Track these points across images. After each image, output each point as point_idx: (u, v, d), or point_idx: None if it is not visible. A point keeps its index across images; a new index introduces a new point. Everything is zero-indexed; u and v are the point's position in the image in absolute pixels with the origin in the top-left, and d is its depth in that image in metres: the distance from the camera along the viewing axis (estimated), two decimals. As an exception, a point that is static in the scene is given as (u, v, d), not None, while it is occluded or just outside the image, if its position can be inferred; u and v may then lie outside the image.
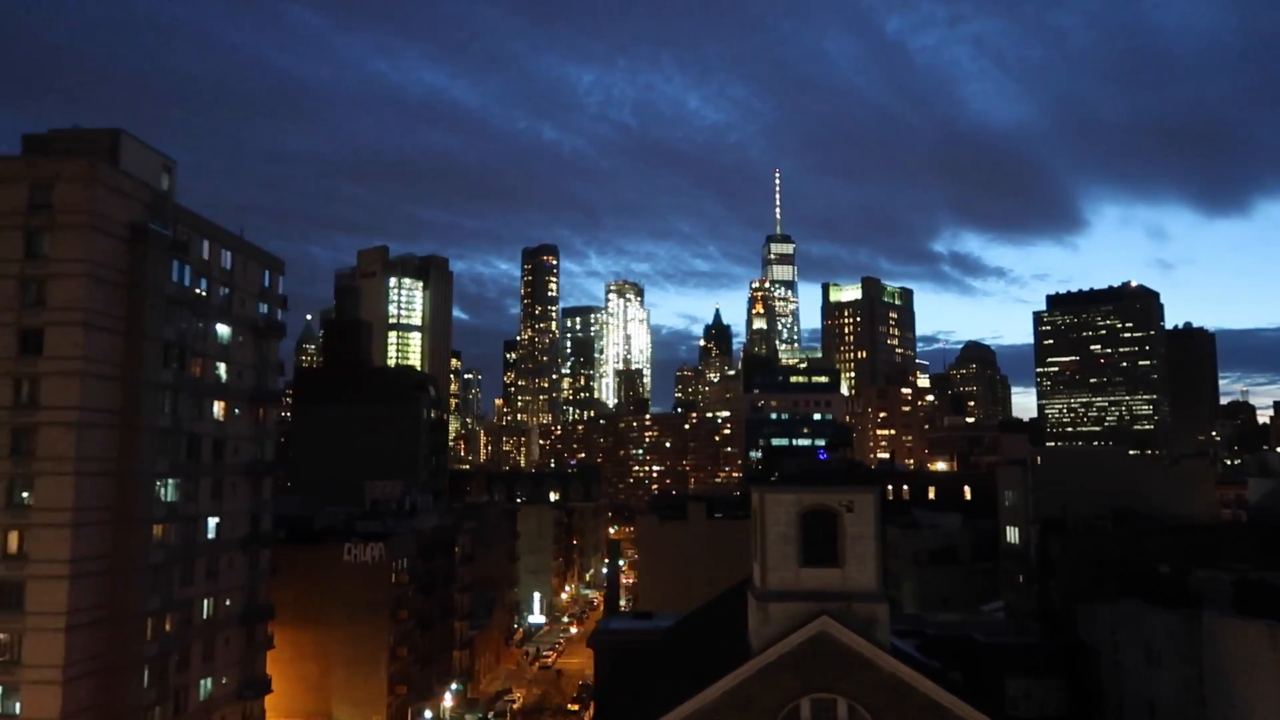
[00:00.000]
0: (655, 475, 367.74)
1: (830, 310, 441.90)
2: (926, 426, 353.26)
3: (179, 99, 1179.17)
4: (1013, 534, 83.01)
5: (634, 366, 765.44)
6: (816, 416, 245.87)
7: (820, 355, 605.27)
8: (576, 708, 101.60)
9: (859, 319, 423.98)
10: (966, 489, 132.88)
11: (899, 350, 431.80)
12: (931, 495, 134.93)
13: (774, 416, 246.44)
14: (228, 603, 69.00)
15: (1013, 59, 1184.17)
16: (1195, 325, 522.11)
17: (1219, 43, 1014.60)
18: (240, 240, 72.62)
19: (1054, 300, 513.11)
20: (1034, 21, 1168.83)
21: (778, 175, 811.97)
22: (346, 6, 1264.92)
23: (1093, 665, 55.90)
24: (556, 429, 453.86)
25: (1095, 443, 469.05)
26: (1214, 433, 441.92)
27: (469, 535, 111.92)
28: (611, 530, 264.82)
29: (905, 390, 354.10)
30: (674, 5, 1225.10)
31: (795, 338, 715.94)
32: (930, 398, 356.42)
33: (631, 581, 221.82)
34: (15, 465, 53.40)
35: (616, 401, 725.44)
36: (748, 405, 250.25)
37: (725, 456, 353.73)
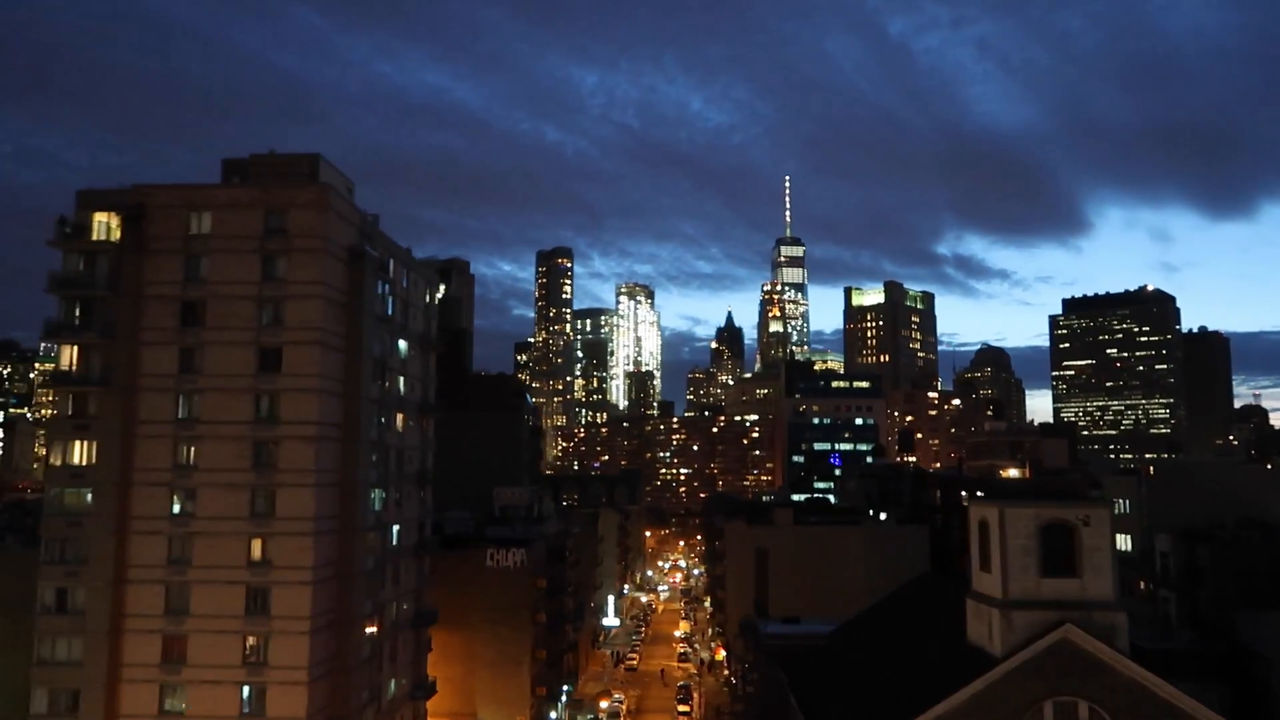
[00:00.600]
0: (683, 478, 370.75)
1: (852, 314, 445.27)
2: (953, 430, 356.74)
3: (182, 99, 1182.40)
4: (1123, 542, 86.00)
5: (645, 368, 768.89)
6: (858, 421, 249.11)
7: (837, 357, 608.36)
8: (688, 709, 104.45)
9: (881, 323, 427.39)
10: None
11: (920, 354, 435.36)
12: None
13: (816, 421, 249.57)
14: (404, 607, 71.82)
15: (1017, 61, 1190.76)
16: (1207, 329, 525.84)
17: (1224, 45, 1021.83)
18: (410, 256, 75.49)
19: (1070, 304, 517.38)
20: (1038, 23, 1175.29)
21: (787, 180, 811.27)
22: (349, 7, 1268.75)
23: (1260, 671, 58.72)
24: (579, 431, 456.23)
25: (1111, 446, 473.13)
26: (1230, 437, 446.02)
27: (572, 540, 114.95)
28: (646, 534, 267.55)
29: (932, 394, 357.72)
30: (677, 7, 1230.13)
31: (806, 340, 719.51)
32: (956, 401, 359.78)
33: (690, 585, 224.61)
34: (258, 477, 56.17)
35: (627, 403, 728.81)
36: (789, 410, 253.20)
37: (753, 460, 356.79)
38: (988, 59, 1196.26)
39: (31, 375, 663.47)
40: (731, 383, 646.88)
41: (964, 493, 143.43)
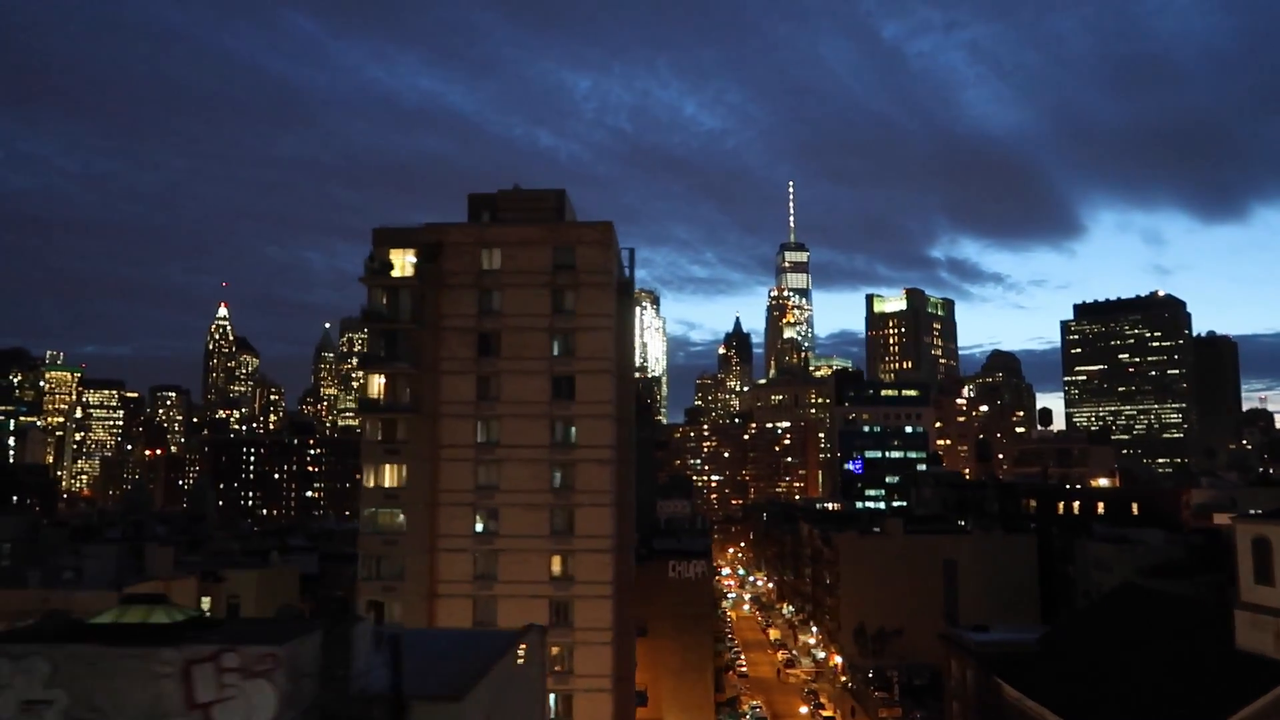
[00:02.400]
0: (714, 485, 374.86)
1: (874, 321, 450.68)
2: (981, 436, 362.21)
3: (175, 105, 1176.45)
4: None
5: (650, 374, 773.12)
6: (908, 429, 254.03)
7: (843, 361, 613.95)
8: (830, 711, 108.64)
9: (904, 329, 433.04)
10: (1134, 504, 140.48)
11: (942, 360, 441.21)
12: (1100, 510, 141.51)
13: (866, 429, 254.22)
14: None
15: (1009, 64, 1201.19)
16: (1215, 333, 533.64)
17: (1216, 48, 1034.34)
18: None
19: (1081, 309, 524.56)
20: (1031, 27, 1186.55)
21: (791, 186, 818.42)
22: (342, 12, 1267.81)
23: None
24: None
25: (1125, 451, 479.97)
26: (1244, 441, 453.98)
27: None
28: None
29: (960, 400, 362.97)
30: (670, 10, 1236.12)
31: (811, 345, 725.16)
32: (984, 408, 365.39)
33: (759, 591, 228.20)
34: (557, 497, 60.17)
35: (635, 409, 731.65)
36: (840, 418, 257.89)
37: (786, 467, 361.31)
38: (980, 63, 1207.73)
39: (41, 384, 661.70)
40: (744, 389, 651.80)
41: (1059, 501, 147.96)
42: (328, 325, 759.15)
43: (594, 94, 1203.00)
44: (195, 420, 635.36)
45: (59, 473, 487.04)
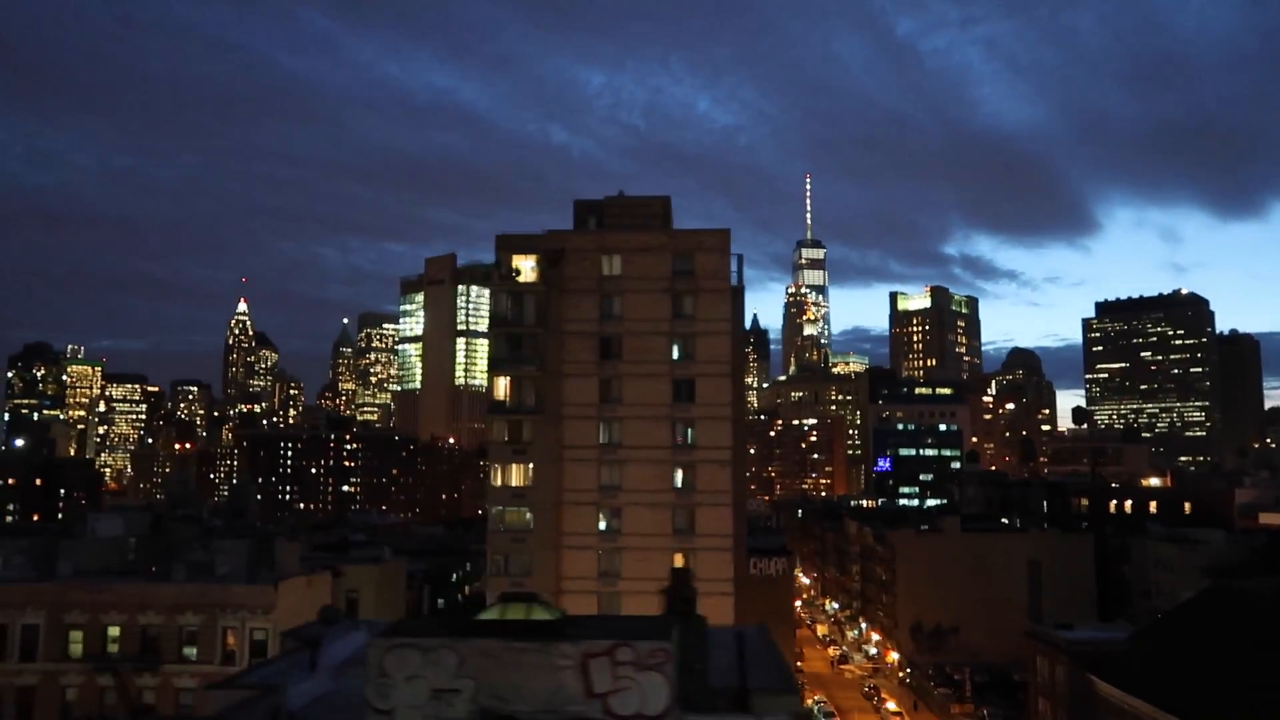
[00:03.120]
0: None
1: (898, 318, 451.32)
2: (1007, 434, 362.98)
3: (190, 101, 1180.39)
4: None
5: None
6: (942, 427, 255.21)
7: (860, 360, 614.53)
8: (896, 707, 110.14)
9: (928, 327, 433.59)
10: (1186, 504, 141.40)
11: (966, 358, 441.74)
12: (1152, 509, 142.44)
13: (900, 427, 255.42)
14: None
15: (1025, 60, 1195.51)
16: (1238, 331, 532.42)
17: (1234, 44, 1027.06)
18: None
19: (1103, 307, 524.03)
20: (1047, 23, 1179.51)
21: (808, 181, 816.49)
22: (356, 9, 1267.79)
23: None
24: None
25: (1152, 450, 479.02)
26: (1268, 439, 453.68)
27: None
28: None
29: (986, 398, 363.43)
30: (683, 7, 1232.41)
31: (828, 342, 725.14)
32: (1010, 406, 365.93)
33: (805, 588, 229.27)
34: (679, 497, 61.81)
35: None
36: (874, 416, 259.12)
37: (812, 464, 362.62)
38: (995, 59, 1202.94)
39: (64, 377, 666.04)
40: (762, 385, 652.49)
41: (1111, 501, 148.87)
42: (345, 320, 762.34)
43: (607, 90, 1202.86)
44: (216, 415, 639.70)
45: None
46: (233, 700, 22.18)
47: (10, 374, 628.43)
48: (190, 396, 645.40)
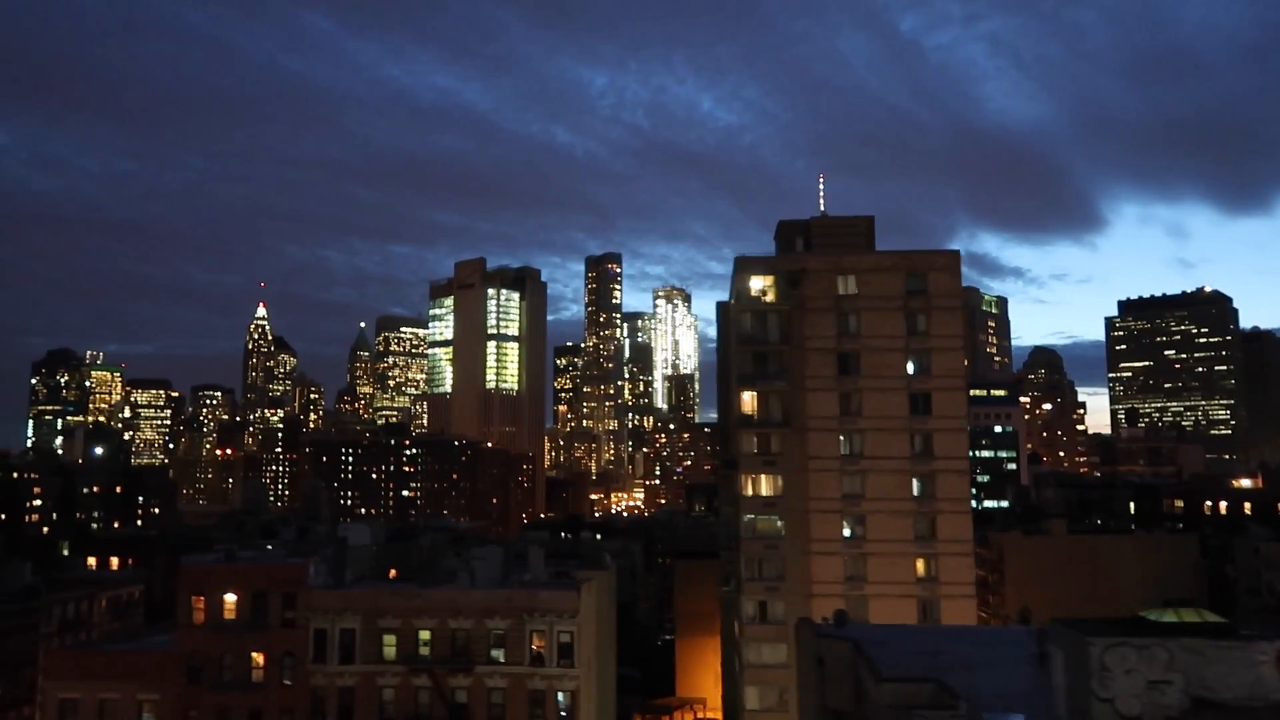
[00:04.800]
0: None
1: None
2: (1044, 434, 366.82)
3: (194, 105, 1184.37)
4: None
5: (683, 371, 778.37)
6: (997, 429, 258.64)
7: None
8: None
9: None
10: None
11: (997, 359, 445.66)
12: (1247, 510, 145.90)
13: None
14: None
15: (1029, 57, 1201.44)
16: (1260, 329, 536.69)
17: (1239, 38, 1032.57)
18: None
19: (1126, 305, 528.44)
20: (1051, 18, 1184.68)
21: (821, 180, 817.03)
22: (359, 11, 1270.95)
23: None
24: (659, 437, 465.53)
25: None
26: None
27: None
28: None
29: (1024, 400, 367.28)
30: (686, 6, 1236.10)
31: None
32: (1047, 406, 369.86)
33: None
34: (919, 505, 65.56)
35: (667, 407, 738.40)
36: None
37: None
38: (1000, 55, 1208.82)
39: (86, 383, 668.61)
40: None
41: (1206, 502, 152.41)
42: (363, 324, 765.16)
43: (610, 90, 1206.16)
44: (238, 419, 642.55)
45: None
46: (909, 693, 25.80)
47: (34, 380, 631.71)
48: (214, 401, 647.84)
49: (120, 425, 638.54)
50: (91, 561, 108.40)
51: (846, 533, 65.74)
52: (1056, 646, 25.59)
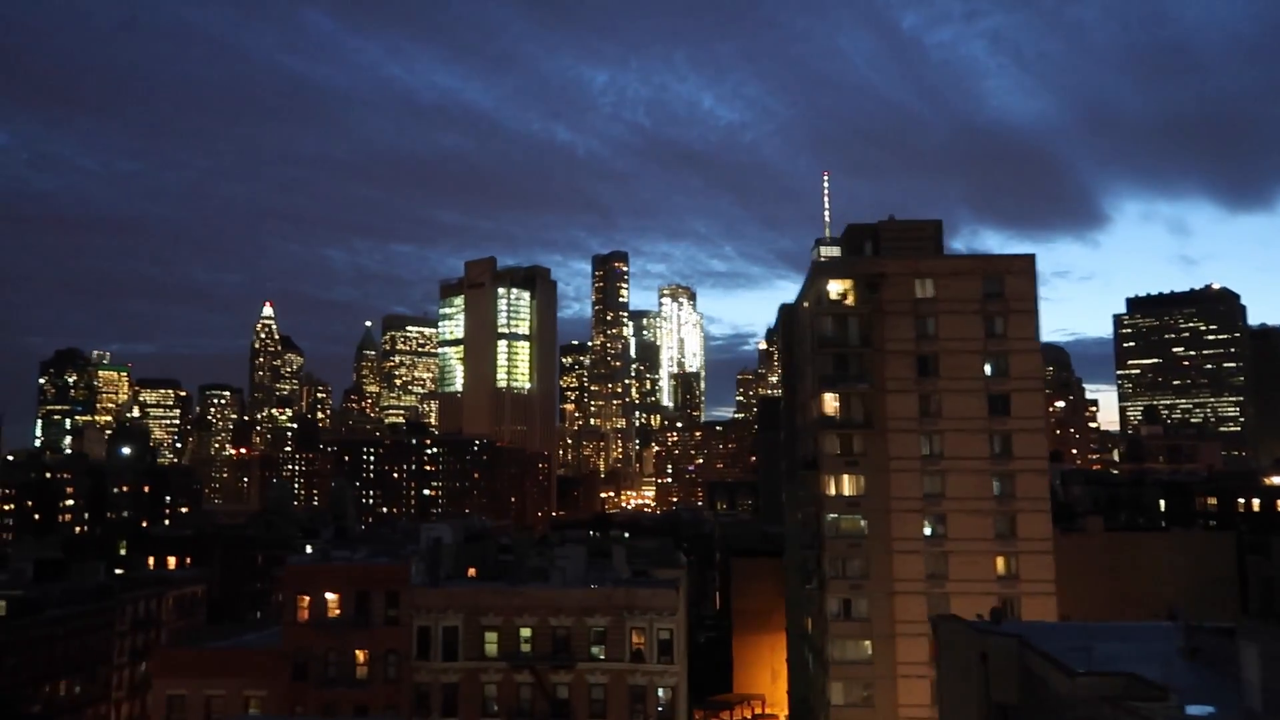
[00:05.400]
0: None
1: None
2: (1058, 431, 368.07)
3: (195, 104, 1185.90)
4: None
5: (689, 370, 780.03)
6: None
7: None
8: None
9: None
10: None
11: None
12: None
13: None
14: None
15: (1030, 53, 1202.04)
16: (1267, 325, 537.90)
17: (1240, 35, 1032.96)
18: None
19: (1134, 302, 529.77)
20: (1052, 15, 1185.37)
21: (825, 178, 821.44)
22: (360, 9, 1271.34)
23: None
24: (674, 435, 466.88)
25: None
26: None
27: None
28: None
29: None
30: (687, 4, 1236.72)
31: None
32: (1060, 403, 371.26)
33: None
34: (999, 504, 66.86)
35: (673, 405, 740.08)
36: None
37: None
38: (1001, 52, 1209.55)
39: (94, 383, 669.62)
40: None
41: (1239, 499, 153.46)
42: (369, 323, 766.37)
43: (611, 88, 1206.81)
44: (247, 419, 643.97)
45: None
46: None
47: (42, 380, 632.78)
48: (223, 401, 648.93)
49: (129, 424, 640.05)
50: (149, 561, 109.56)
51: (927, 531, 67.00)
52: (1250, 642, 26.79)
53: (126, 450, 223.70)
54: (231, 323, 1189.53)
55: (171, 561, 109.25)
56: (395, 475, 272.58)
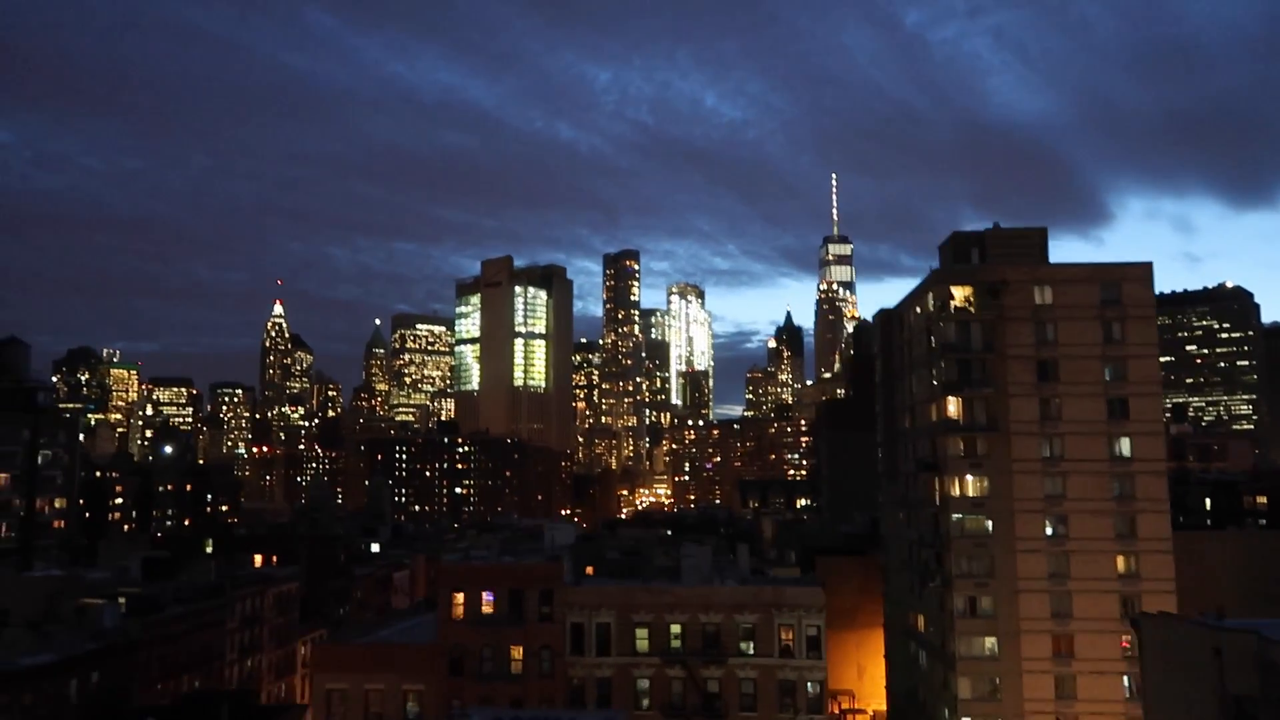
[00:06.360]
0: (803, 480, 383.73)
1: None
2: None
3: (198, 102, 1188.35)
4: None
5: (697, 368, 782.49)
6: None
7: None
8: None
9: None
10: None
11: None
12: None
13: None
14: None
15: (1035, 50, 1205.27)
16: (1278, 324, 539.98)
17: (1244, 31, 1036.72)
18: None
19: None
20: (1056, 11, 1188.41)
21: (834, 177, 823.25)
22: (362, 8, 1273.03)
23: None
24: (690, 433, 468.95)
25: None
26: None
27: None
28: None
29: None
30: (690, 2, 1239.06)
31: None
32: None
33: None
34: (1119, 505, 68.85)
35: (682, 403, 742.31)
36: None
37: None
38: (1005, 49, 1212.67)
39: (106, 381, 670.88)
40: (803, 384, 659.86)
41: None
42: (378, 322, 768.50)
43: (614, 86, 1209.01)
44: (259, 417, 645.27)
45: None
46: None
47: (55, 379, 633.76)
48: (235, 399, 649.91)
49: (142, 423, 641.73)
50: (235, 559, 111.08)
51: (1049, 531, 68.98)
52: None
53: (168, 449, 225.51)
54: (234, 321, 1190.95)
55: (258, 559, 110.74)
56: (427, 474, 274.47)
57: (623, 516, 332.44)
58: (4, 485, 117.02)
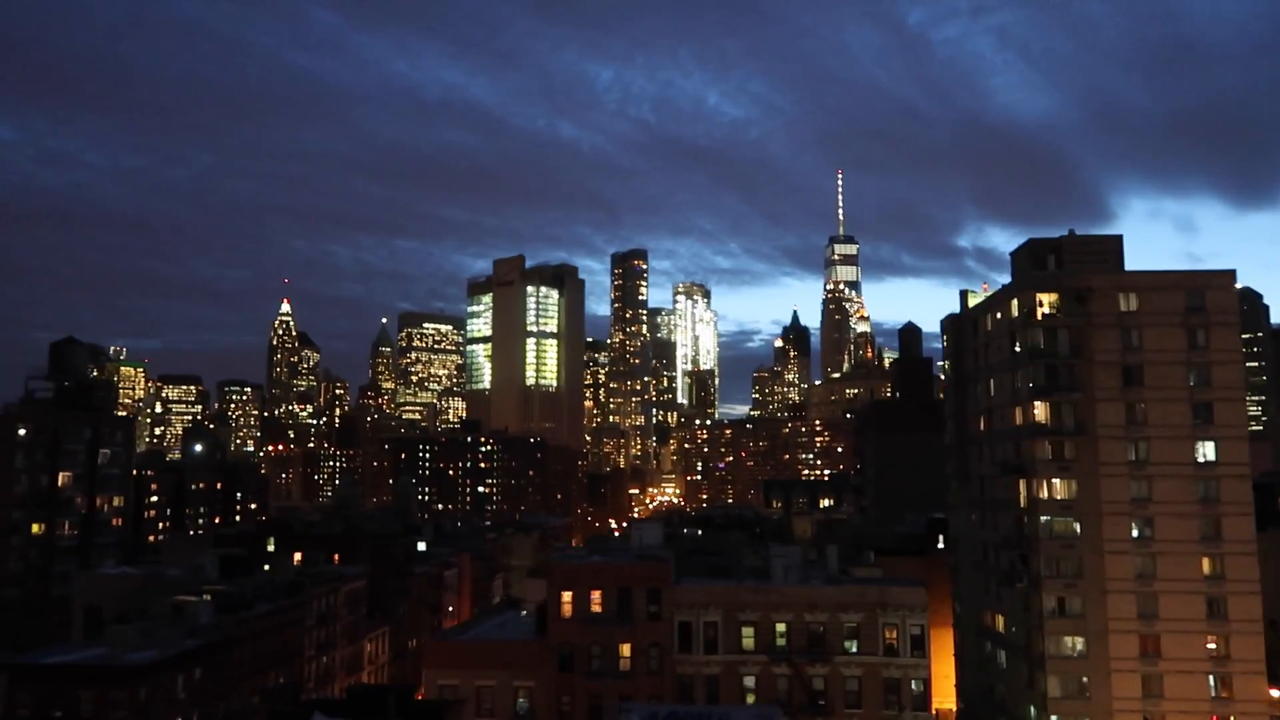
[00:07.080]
0: (827, 480, 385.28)
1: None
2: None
3: (201, 100, 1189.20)
4: None
5: (703, 367, 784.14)
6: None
7: (892, 353, 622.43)
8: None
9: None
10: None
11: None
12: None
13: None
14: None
15: (1038, 50, 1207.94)
16: None
17: (1248, 32, 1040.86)
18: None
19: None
20: (1059, 11, 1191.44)
21: (839, 176, 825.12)
22: (365, 6, 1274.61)
23: None
24: (702, 432, 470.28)
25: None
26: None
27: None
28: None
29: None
30: (692, 0, 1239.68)
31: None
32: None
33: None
34: (1204, 508, 70.26)
35: (688, 402, 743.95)
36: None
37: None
38: (1008, 48, 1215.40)
39: (115, 378, 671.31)
40: (811, 384, 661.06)
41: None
42: (384, 320, 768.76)
43: (616, 85, 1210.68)
44: (267, 415, 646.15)
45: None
46: None
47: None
48: (244, 397, 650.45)
49: (150, 420, 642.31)
50: (296, 556, 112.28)
51: (1135, 533, 70.37)
52: None
53: (199, 447, 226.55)
54: (237, 319, 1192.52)
55: (297, 557, 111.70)
56: (450, 473, 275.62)
57: (636, 515, 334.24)
58: (67, 483, 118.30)
